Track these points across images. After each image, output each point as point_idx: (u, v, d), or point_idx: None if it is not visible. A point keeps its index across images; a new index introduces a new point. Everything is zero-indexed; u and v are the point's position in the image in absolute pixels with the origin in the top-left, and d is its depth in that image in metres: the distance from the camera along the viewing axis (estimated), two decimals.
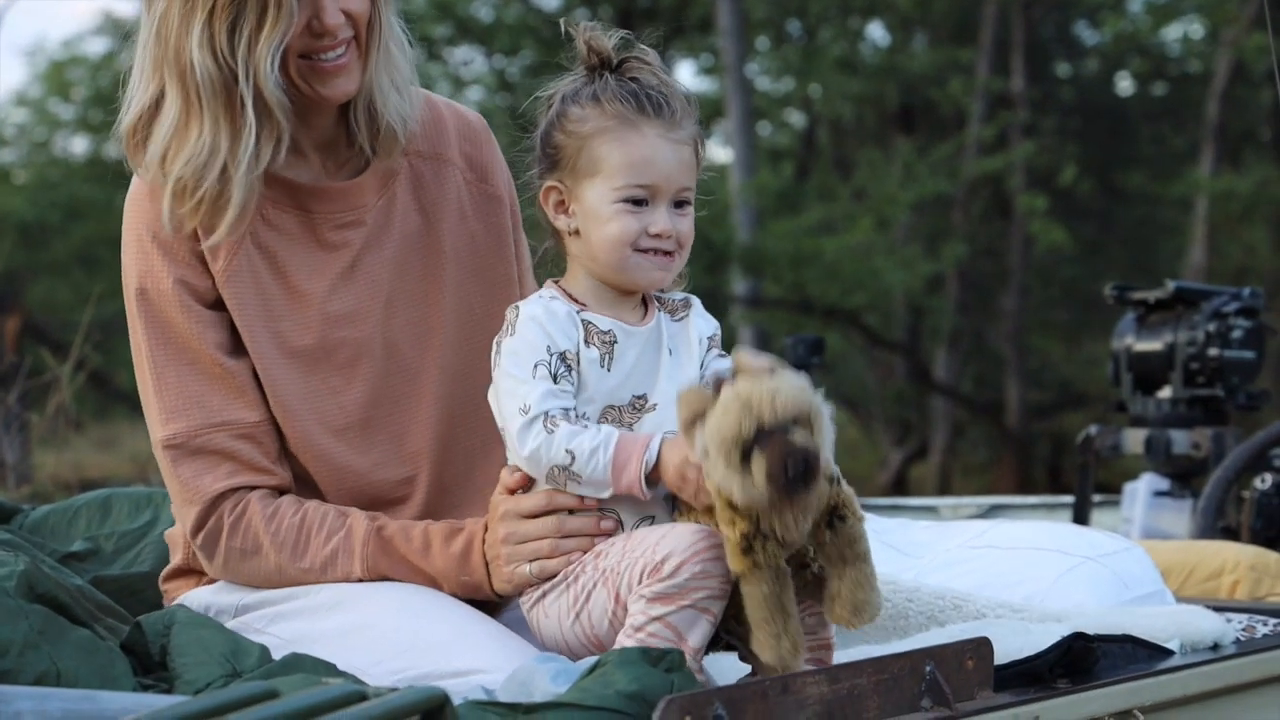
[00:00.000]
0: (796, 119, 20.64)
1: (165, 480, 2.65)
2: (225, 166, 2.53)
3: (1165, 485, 5.00)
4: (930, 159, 16.84)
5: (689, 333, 2.49)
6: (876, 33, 19.89)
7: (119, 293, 2.68)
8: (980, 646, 2.27)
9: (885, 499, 6.42)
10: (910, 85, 18.16)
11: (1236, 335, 4.95)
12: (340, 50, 2.57)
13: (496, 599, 2.53)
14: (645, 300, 2.50)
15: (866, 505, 5.32)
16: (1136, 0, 18.09)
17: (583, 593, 2.37)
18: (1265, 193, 16.15)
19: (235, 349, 2.62)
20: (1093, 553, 3.09)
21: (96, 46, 20.35)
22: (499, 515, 2.47)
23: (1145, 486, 5.00)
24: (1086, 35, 19.55)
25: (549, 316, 2.40)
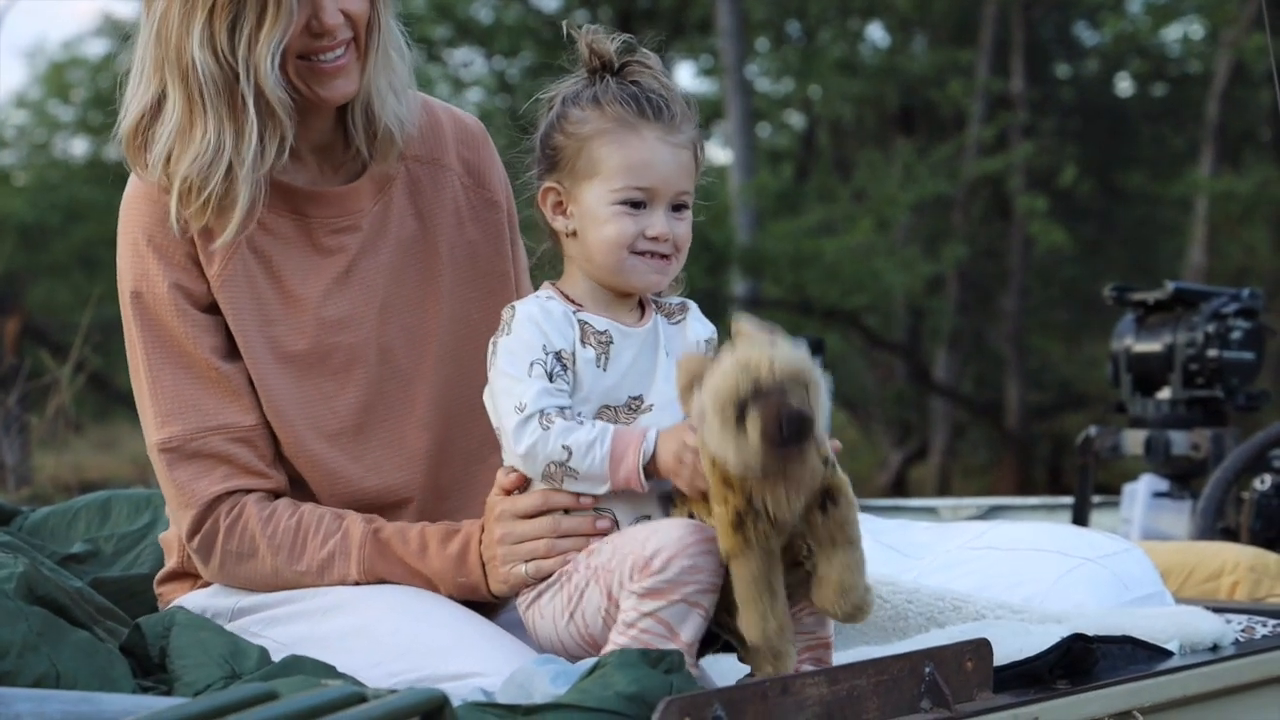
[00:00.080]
0: (796, 120, 20.64)
1: (160, 484, 2.65)
2: (231, 165, 2.53)
3: (1165, 486, 5.00)
4: (930, 160, 16.84)
5: (686, 336, 2.50)
6: (876, 34, 19.90)
7: (118, 295, 2.68)
8: (980, 648, 2.27)
9: (885, 500, 6.42)
10: (910, 86, 18.16)
11: (1236, 336, 4.95)
12: (339, 51, 2.57)
13: (494, 600, 2.53)
14: (642, 303, 2.51)
15: (866, 506, 5.34)
16: (1136, 1, 18.10)
17: (576, 592, 2.37)
18: (1265, 193, 16.16)
19: (230, 353, 2.62)
20: (1092, 554, 3.09)
21: (96, 48, 20.37)
22: (495, 516, 2.46)
23: (1145, 487, 5.00)
24: (1086, 36, 19.55)
25: (545, 316, 2.41)
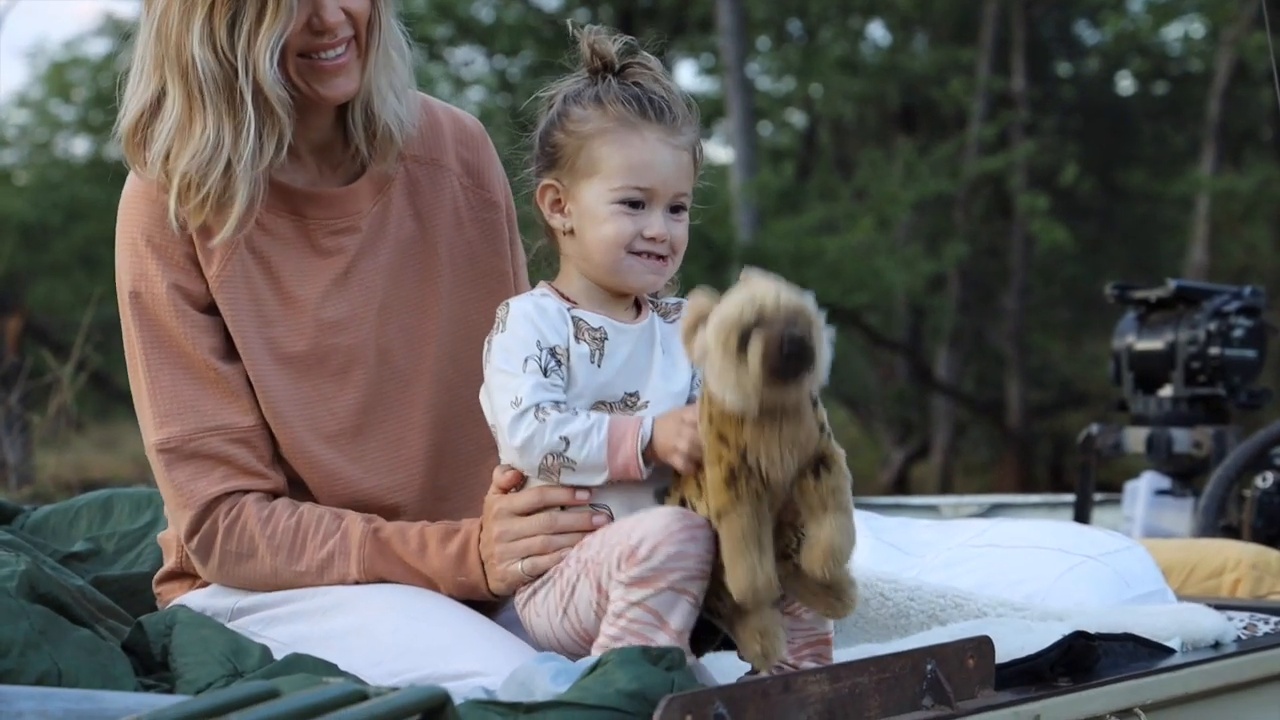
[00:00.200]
0: (797, 119, 20.64)
1: (159, 484, 2.64)
2: (229, 162, 2.53)
3: (1166, 484, 5.00)
4: (931, 158, 16.84)
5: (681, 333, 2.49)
6: (877, 32, 19.90)
7: (117, 294, 2.67)
8: (981, 645, 2.27)
9: (887, 498, 6.42)
10: (911, 85, 18.17)
11: (1238, 334, 4.95)
12: (340, 49, 2.57)
13: (493, 598, 2.53)
14: (638, 302, 2.51)
15: (868, 504, 5.32)
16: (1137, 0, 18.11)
17: (568, 587, 2.37)
18: (1266, 192, 16.16)
19: (229, 353, 2.62)
20: (1094, 551, 3.10)
21: (97, 48, 20.36)
22: (493, 514, 2.47)
23: (1146, 485, 5.00)
24: (1087, 34, 19.55)
25: (539, 312, 2.41)
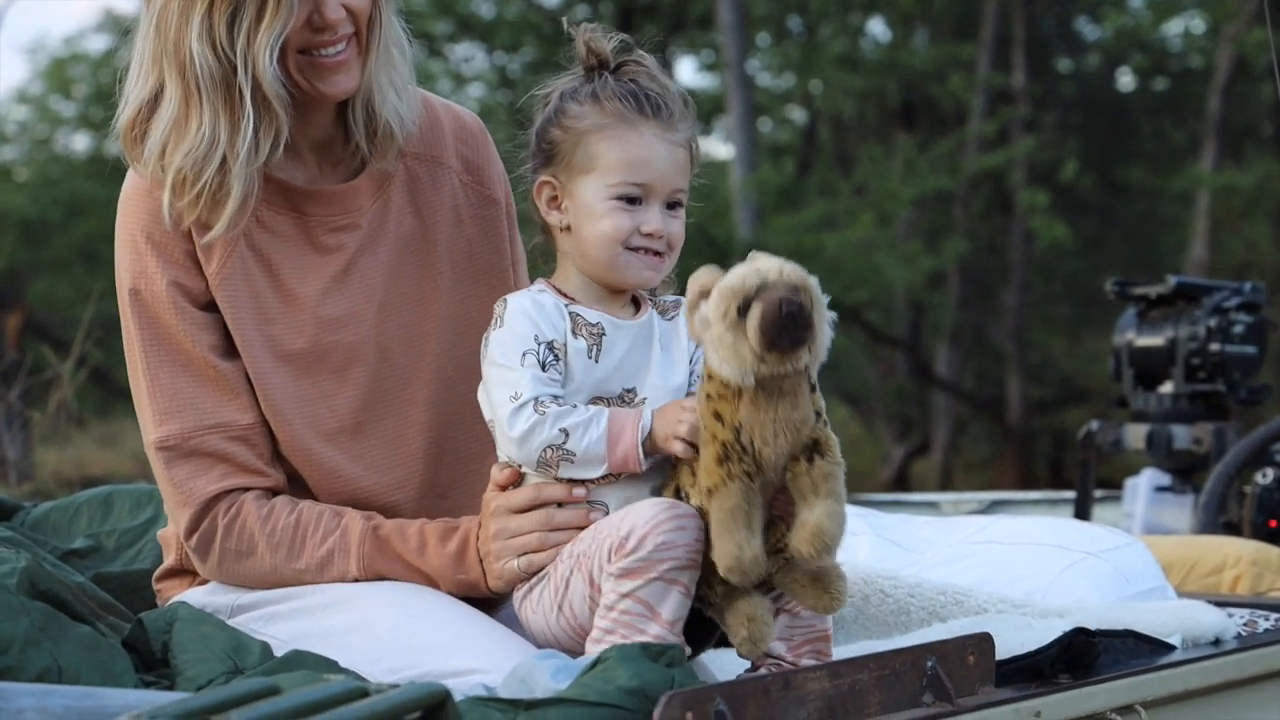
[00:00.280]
0: (798, 115, 20.63)
1: (158, 482, 2.64)
2: (224, 158, 2.52)
3: (1167, 480, 5.01)
4: (931, 155, 16.82)
5: (679, 331, 2.50)
6: (877, 29, 19.88)
7: (116, 292, 2.67)
8: (982, 642, 2.27)
9: (887, 495, 6.42)
10: (911, 81, 18.15)
11: (1238, 330, 4.95)
12: (340, 46, 2.57)
13: (492, 596, 2.53)
14: (637, 300, 2.51)
15: (868, 501, 5.32)
16: None
17: (562, 583, 2.37)
18: (1267, 188, 16.15)
19: (229, 351, 2.62)
20: (1094, 548, 3.10)
21: (97, 44, 20.37)
22: (490, 512, 2.47)
23: (1146, 482, 5.00)
24: (1087, 30, 19.54)
25: (536, 308, 2.42)
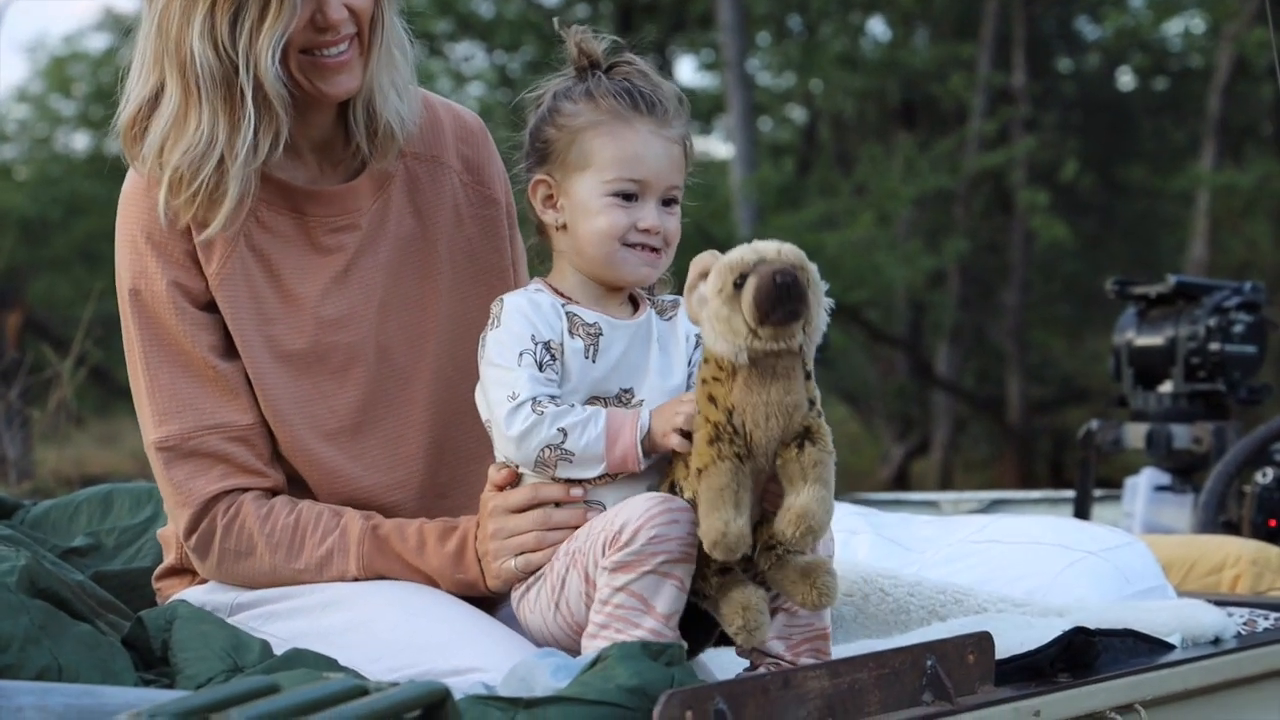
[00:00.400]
0: (798, 114, 20.62)
1: (158, 482, 2.65)
2: (222, 158, 2.52)
3: (1166, 480, 5.01)
4: (931, 154, 16.82)
5: (677, 331, 2.50)
6: (878, 28, 19.87)
7: (116, 291, 2.67)
8: (981, 641, 2.27)
9: (887, 494, 6.42)
10: (911, 80, 18.14)
11: (1238, 330, 4.95)
12: (343, 46, 2.57)
13: (491, 595, 2.53)
14: (636, 299, 2.51)
15: (868, 500, 5.32)
16: None
17: (559, 581, 2.38)
18: (1267, 187, 16.14)
19: (228, 351, 2.62)
20: (1094, 547, 3.10)
21: (97, 42, 20.37)
22: (488, 512, 2.47)
23: (1146, 481, 5.00)
24: (1088, 30, 19.53)
25: (533, 307, 2.42)
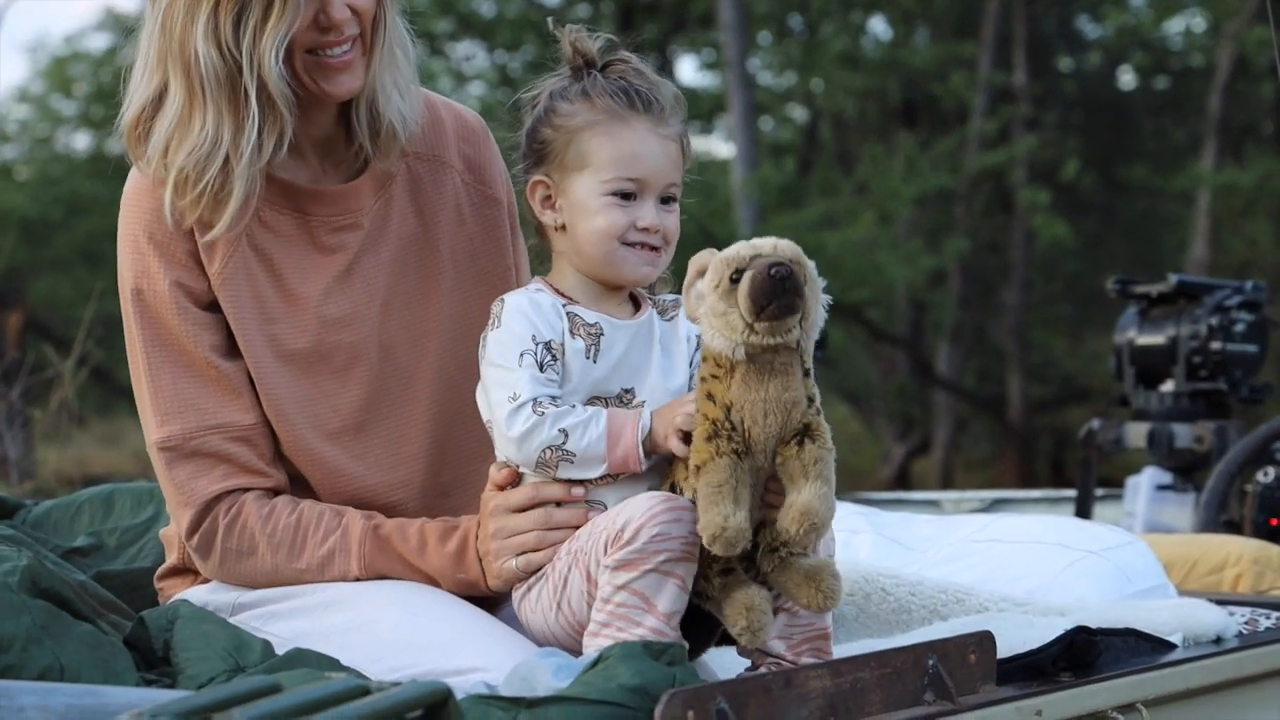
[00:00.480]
0: (799, 114, 20.61)
1: (160, 482, 2.65)
2: (228, 158, 2.53)
3: (1168, 479, 5.01)
4: (932, 154, 16.81)
5: (678, 331, 2.50)
6: (878, 27, 19.87)
7: (119, 291, 2.67)
8: (983, 640, 2.27)
9: (888, 493, 6.42)
10: (912, 80, 18.14)
11: (1239, 329, 4.95)
12: (346, 46, 2.57)
13: (492, 595, 2.53)
14: (637, 299, 2.51)
15: (869, 500, 5.31)
16: None
17: (560, 580, 2.38)
18: (1268, 186, 16.14)
19: (230, 351, 2.62)
20: (1095, 546, 3.10)
21: (98, 42, 20.36)
22: (489, 511, 2.47)
23: (1148, 480, 5.00)
24: (1088, 29, 19.52)
25: (534, 307, 2.42)
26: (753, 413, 2.23)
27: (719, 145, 18.54)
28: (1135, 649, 2.57)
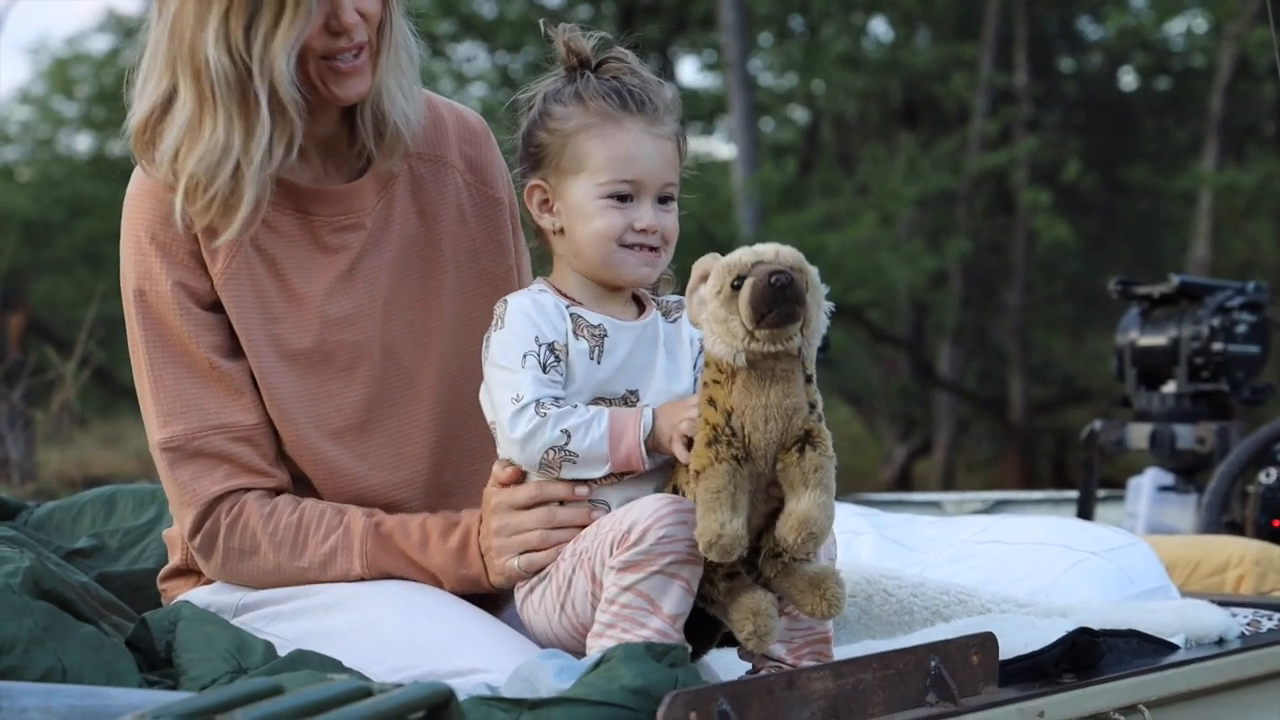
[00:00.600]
0: (800, 115, 20.62)
1: (163, 482, 2.65)
2: (238, 165, 2.52)
3: (1170, 480, 5.00)
4: (933, 154, 16.82)
5: (682, 334, 2.50)
6: (879, 28, 19.88)
7: (121, 292, 2.67)
8: (985, 641, 2.27)
9: (889, 495, 6.42)
10: (913, 81, 18.15)
11: (1241, 330, 4.95)
12: (357, 52, 2.57)
13: (494, 591, 2.53)
14: (641, 301, 2.51)
15: (871, 501, 5.32)
16: None
17: (564, 581, 2.37)
18: (1269, 187, 16.14)
19: (233, 351, 2.62)
20: (1097, 548, 3.10)
21: (100, 44, 20.38)
22: (491, 508, 2.47)
23: (1150, 481, 5.00)
24: (1090, 30, 19.53)
25: (537, 308, 2.41)
26: (753, 418, 2.23)
27: (720, 146, 18.56)
28: (1138, 650, 2.57)
